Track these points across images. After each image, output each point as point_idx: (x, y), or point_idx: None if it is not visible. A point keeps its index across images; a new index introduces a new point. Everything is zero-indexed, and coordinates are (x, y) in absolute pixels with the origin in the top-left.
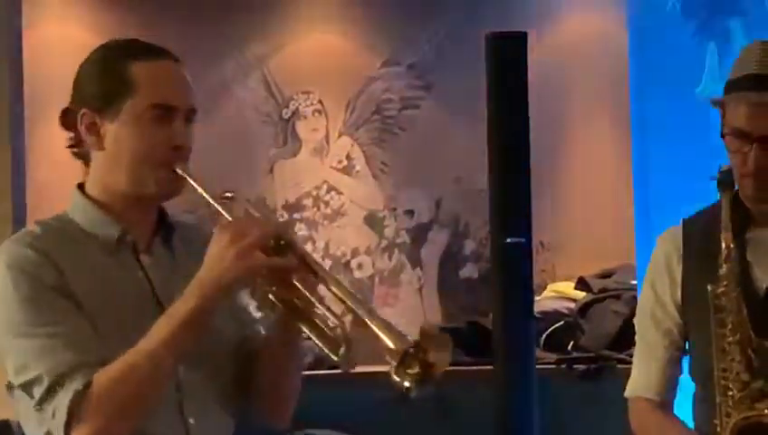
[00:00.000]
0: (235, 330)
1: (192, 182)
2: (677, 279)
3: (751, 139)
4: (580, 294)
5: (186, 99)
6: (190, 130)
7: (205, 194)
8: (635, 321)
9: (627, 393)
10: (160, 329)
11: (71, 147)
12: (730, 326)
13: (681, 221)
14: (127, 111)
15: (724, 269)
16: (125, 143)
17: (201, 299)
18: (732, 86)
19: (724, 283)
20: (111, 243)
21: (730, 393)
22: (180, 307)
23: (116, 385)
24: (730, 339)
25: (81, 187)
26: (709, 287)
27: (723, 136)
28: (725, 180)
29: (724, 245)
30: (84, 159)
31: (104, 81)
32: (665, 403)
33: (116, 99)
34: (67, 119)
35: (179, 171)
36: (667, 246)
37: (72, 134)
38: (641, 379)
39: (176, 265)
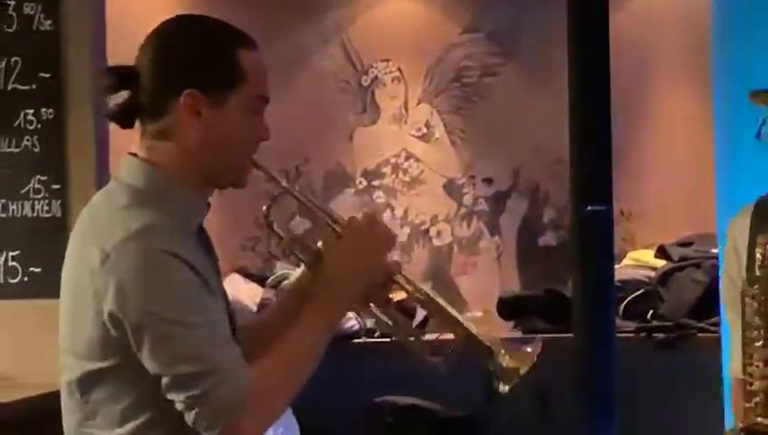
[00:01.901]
0: None
1: (273, 174)
2: (744, 265)
3: None
4: (660, 263)
5: None
6: None
7: (283, 183)
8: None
9: (728, 374)
10: (314, 318)
11: (129, 107)
12: (756, 333)
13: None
14: (235, 100)
15: (757, 272)
16: (226, 131)
17: (350, 293)
18: None
19: (756, 287)
20: (195, 228)
21: (755, 399)
22: (329, 296)
23: (280, 381)
24: (757, 344)
25: (139, 158)
26: (743, 288)
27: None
28: None
29: (759, 253)
30: (129, 124)
31: (217, 66)
32: None
33: (228, 86)
34: (129, 78)
35: (257, 162)
36: (735, 232)
37: (127, 93)
38: (736, 362)
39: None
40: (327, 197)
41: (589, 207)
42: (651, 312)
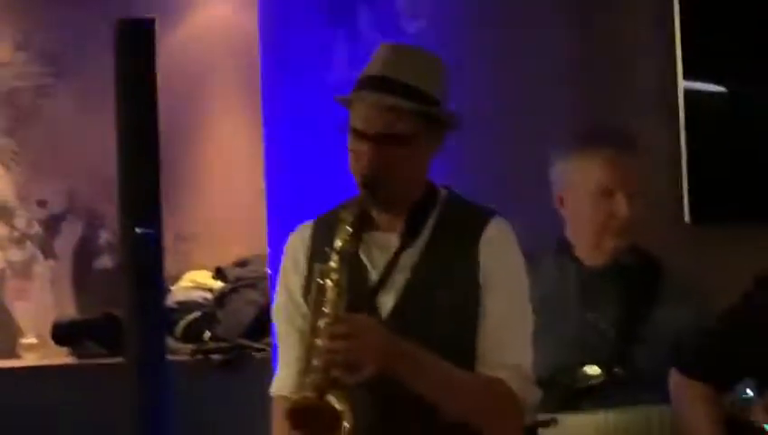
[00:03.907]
0: None
1: None
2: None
3: (367, 137)
4: (217, 284)
5: None
6: None
7: None
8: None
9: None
10: None
11: None
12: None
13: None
14: None
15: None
16: None
17: None
18: (356, 85)
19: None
20: None
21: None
22: None
23: None
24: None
25: None
26: (318, 268)
27: (343, 132)
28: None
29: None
30: None
31: None
32: None
33: None
34: None
35: None
36: (295, 247)
37: None
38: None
39: None
40: None
41: (138, 230)
42: (209, 333)
